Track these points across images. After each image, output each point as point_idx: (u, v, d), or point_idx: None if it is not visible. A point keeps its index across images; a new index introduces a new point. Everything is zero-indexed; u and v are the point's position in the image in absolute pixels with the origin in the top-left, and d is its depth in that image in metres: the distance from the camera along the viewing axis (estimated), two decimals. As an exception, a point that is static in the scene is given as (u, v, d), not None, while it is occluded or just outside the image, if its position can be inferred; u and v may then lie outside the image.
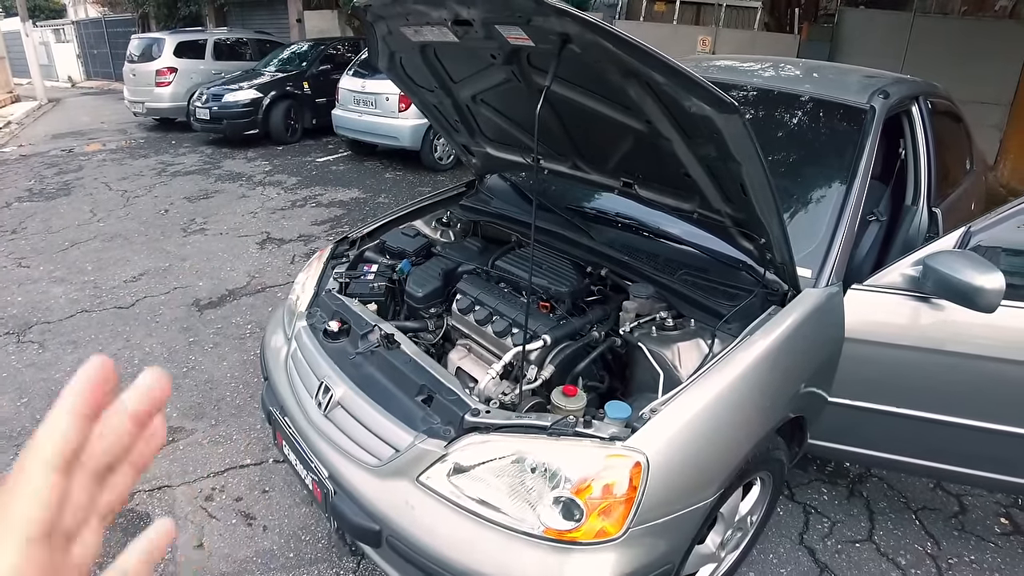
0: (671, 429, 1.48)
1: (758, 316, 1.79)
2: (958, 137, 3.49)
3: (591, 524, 1.40)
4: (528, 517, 1.45)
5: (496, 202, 2.77)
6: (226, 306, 4.29)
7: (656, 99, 1.53)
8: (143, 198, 6.91)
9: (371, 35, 2.10)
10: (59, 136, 10.96)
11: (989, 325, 1.86)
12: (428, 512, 1.53)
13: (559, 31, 1.42)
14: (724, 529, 1.90)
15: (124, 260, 5.13)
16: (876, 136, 2.30)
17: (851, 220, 2.06)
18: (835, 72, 3.20)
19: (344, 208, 6.50)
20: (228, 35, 12.03)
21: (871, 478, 2.80)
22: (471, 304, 2.11)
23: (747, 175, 1.50)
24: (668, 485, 1.45)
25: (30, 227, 5.97)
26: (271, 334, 2.40)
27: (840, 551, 2.40)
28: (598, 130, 1.94)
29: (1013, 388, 1.91)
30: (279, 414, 2.04)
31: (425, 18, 1.75)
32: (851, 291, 2.00)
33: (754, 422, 1.66)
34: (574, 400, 1.64)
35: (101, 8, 24.11)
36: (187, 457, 2.83)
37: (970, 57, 8.34)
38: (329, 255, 2.52)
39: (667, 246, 2.18)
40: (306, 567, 2.27)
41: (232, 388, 3.33)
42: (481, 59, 1.91)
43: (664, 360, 1.78)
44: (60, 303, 4.35)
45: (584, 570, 1.40)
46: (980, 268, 1.74)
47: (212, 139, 9.95)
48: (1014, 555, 2.44)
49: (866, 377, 2.04)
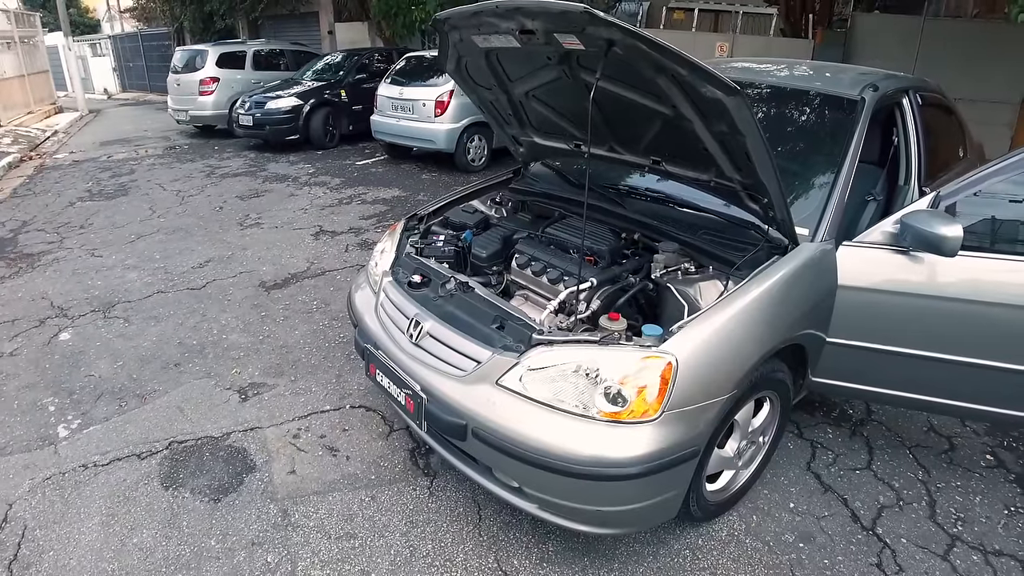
0: (695, 339, 1.94)
1: (764, 264, 2.23)
2: (950, 127, 3.88)
3: (634, 407, 1.86)
4: (584, 404, 1.91)
5: (540, 184, 3.25)
6: (291, 287, 4.78)
7: (680, 88, 1.99)
8: (197, 197, 7.46)
9: (444, 42, 2.57)
10: (107, 143, 11.62)
11: (952, 272, 2.29)
12: (507, 406, 2.00)
13: (607, 38, 1.89)
14: (740, 438, 2.34)
15: (189, 250, 5.65)
16: (866, 123, 2.73)
17: (842, 189, 2.50)
18: (834, 70, 3.63)
19: (387, 205, 7.02)
20: (266, 46, 12.68)
21: (871, 421, 3.20)
22: (528, 260, 2.59)
23: (751, 145, 1.97)
24: (693, 380, 1.91)
25: (96, 223, 6.52)
26: (356, 293, 2.89)
27: (842, 476, 2.80)
28: (632, 117, 2.41)
29: (972, 324, 2.33)
30: (373, 349, 2.52)
31: (495, 28, 2.22)
32: (843, 247, 2.43)
33: (759, 339, 2.10)
34: (617, 323, 2.10)
35: (137, 23, 25.06)
36: (273, 405, 3.29)
37: (981, 58, 8.63)
38: (402, 228, 3.01)
39: (688, 213, 2.65)
40: (386, 486, 2.72)
41: (306, 351, 3.81)
42: (537, 61, 2.38)
43: (688, 296, 2.24)
44: (136, 286, 4.85)
45: (629, 440, 1.86)
46: (944, 221, 2.17)
47: (253, 144, 10.54)
48: (996, 483, 2.81)
49: (856, 319, 2.46)
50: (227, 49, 11.86)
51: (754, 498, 2.63)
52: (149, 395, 3.37)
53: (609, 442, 1.88)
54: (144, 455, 2.89)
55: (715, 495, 2.41)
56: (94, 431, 3.07)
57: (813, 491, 2.71)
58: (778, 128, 3.04)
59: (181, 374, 3.58)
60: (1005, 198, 2.43)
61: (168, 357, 3.76)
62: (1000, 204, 2.44)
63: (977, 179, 2.42)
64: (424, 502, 2.60)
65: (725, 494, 2.46)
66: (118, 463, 2.84)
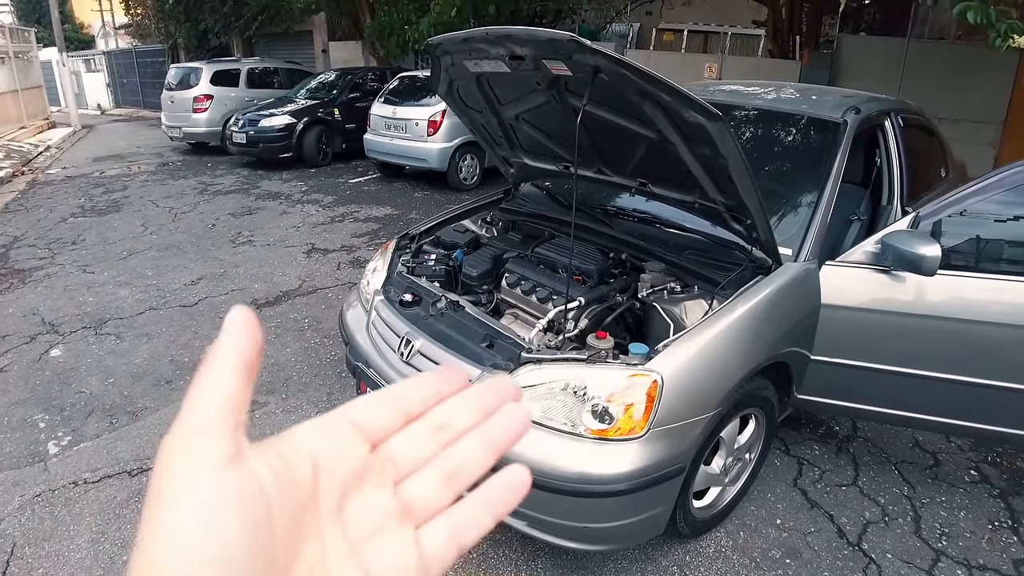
0: (680, 357, 1.98)
1: (748, 283, 2.28)
2: (931, 148, 3.97)
3: (620, 425, 1.90)
4: (572, 422, 1.94)
5: (531, 205, 3.30)
6: (282, 305, 4.80)
7: (664, 113, 2.05)
8: (190, 214, 7.48)
9: (436, 66, 2.63)
10: (100, 159, 11.62)
11: (933, 290, 2.35)
12: (495, 423, 2.02)
13: (593, 64, 1.95)
14: (726, 455, 2.37)
15: (181, 267, 5.66)
16: (848, 144, 2.79)
17: (825, 210, 2.56)
18: (818, 93, 3.72)
19: (380, 223, 7.06)
20: (260, 64, 12.77)
21: (857, 438, 3.24)
22: (518, 279, 2.63)
23: (733, 168, 2.02)
24: (679, 397, 1.95)
25: (88, 239, 6.51)
26: (348, 311, 2.92)
27: (828, 492, 2.84)
28: (619, 140, 2.47)
29: (953, 342, 2.38)
30: (364, 366, 2.54)
31: (485, 54, 2.28)
32: (826, 266, 2.49)
33: (744, 357, 2.15)
34: (604, 342, 2.14)
35: (132, 40, 25.18)
36: (264, 423, 3.30)
37: (964, 79, 8.80)
38: (394, 247, 3.05)
39: (674, 233, 2.70)
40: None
41: (297, 370, 3.83)
42: (526, 86, 2.44)
43: (674, 315, 2.28)
44: (128, 303, 4.86)
45: (616, 457, 1.89)
46: (923, 241, 2.24)
47: (246, 162, 10.57)
48: (980, 498, 2.86)
49: (839, 337, 2.51)
50: (221, 67, 11.93)
51: (741, 514, 2.66)
52: (140, 412, 3.38)
53: (596, 459, 1.91)
54: (135, 472, 2.90)
55: (702, 512, 2.44)
56: (84, 448, 3.07)
57: (800, 507, 2.74)
58: (764, 150, 3.11)
59: (173, 391, 3.59)
60: (983, 217, 2.49)
61: (160, 374, 3.77)
62: (979, 223, 2.50)
63: (956, 199, 2.48)
64: (414, 519, 2.62)
65: (712, 511, 2.49)
66: (108, 480, 2.85)
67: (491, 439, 0.34)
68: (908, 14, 9.82)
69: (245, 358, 0.29)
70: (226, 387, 0.28)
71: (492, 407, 0.34)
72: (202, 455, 0.26)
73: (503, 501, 0.33)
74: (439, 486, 0.32)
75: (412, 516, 0.31)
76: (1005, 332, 2.36)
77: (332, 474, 0.30)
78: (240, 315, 0.30)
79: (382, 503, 0.31)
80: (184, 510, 0.25)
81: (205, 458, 0.26)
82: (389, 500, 0.31)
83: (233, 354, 0.29)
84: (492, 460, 0.34)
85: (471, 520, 0.32)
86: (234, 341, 0.29)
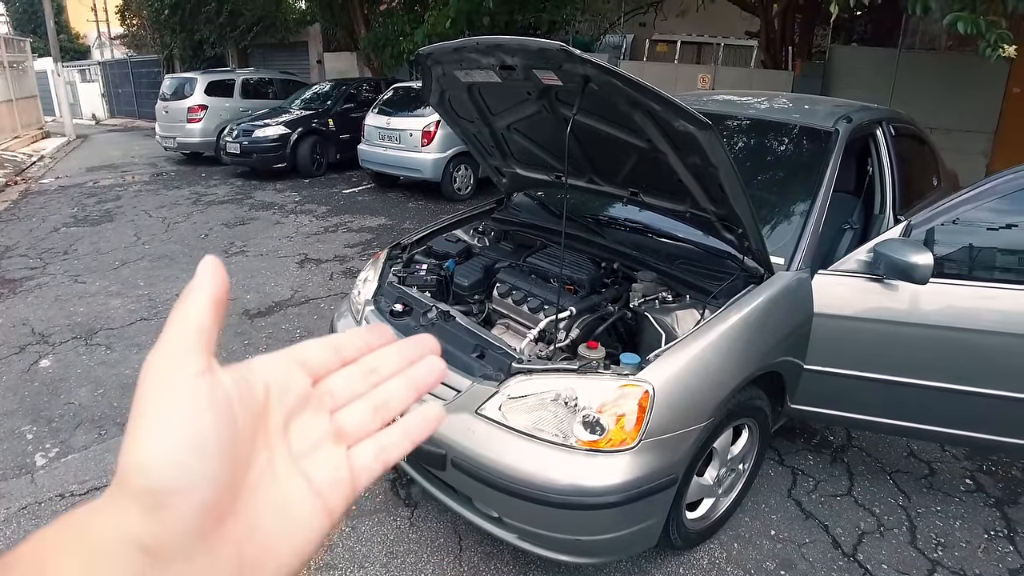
0: (672, 368, 1.97)
1: (740, 292, 2.27)
2: (923, 157, 3.98)
3: (611, 436, 1.88)
4: (563, 433, 1.92)
5: (523, 215, 3.29)
6: (274, 315, 4.78)
7: (654, 122, 2.04)
8: (183, 224, 7.46)
9: (427, 77, 2.63)
10: (93, 169, 11.59)
11: (925, 298, 2.34)
12: (486, 435, 2.00)
13: (583, 74, 1.94)
14: (719, 466, 2.36)
15: (173, 277, 5.63)
16: (839, 153, 2.80)
17: (817, 219, 2.55)
18: (811, 102, 3.73)
19: (373, 233, 7.04)
20: (255, 75, 12.79)
21: (852, 447, 3.23)
22: (510, 289, 2.62)
23: (723, 177, 2.01)
24: (670, 408, 1.93)
25: (80, 249, 6.49)
26: (338, 321, 2.89)
27: (823, 503, 2.82)
28: (609, 150, 2.46)
29: (946, 350, 2.38)
30: (354, 378, 2.52)
31: (476, 64, 2.27)
32: (818, 275, 2.48)
33: (736, 367, 2.13)
34: (596, 352, 2.12)
35: (127, 50, 25.20)
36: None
37: (955, 89, 8.85)
38: (386, 257, 3.03)
39: (666, 243, 2.69)
40: (367, 516, 2.70)
41: (289, 381, 3.79)
42: (517, 95, 2.43)
43: (665, 324, 2.26)
44: (120, 313, 4.83)
45: (607, 469, 1.87)
46: (915, 249, 2.23)
47: (240, 172, 10.55)
48: (976, 507, 2.84)
49: (832, 346, 2.50)
50: (216, 77, 11.94)
51: (735, 526, 2.64)
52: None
53: (588, 471, 1.89)
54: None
55: (695, 523, 2.42)
56: (72, 460, 3.04)
57: (794, 518, 2.72)
58: (756, 159, 3.11)
59: (162, 403, 3.55)
60: (976, 225, 2.49)
61: (150, 385, 3.73)
62: (971, 231, 2.50)
63: (948, 207, 2.48)
64: (405, 532, 2.59)
65: (706, 522, 2.46)
66: (96, 492, 2.81)
67: (413, 381, 0.41)
68: (899, 25, 9.88)
69: (215, 294, 0.34)
70: (201, 316, 0.33)
71: (415, 357, 0.42)
72: (182, 367, 0.31)
73: (420, 430, 0.40)
74: (368, 415, 0.39)
75: (345, 438, 0.38)
76: (999, 340, 2.35)
77: (280, 397, 0.36)
78: (210, 262, 0.35)
79: (320, 425, 0.37)
80: (168, 408, 0.30)
81: (184, 370, 0.31)
82: (326, 424, 0.38)
83: (206, 291, 0.34)
84: (414, 397, 0.41)
85: (393, 443, 0.39)
86: (207, 281, 0.34)
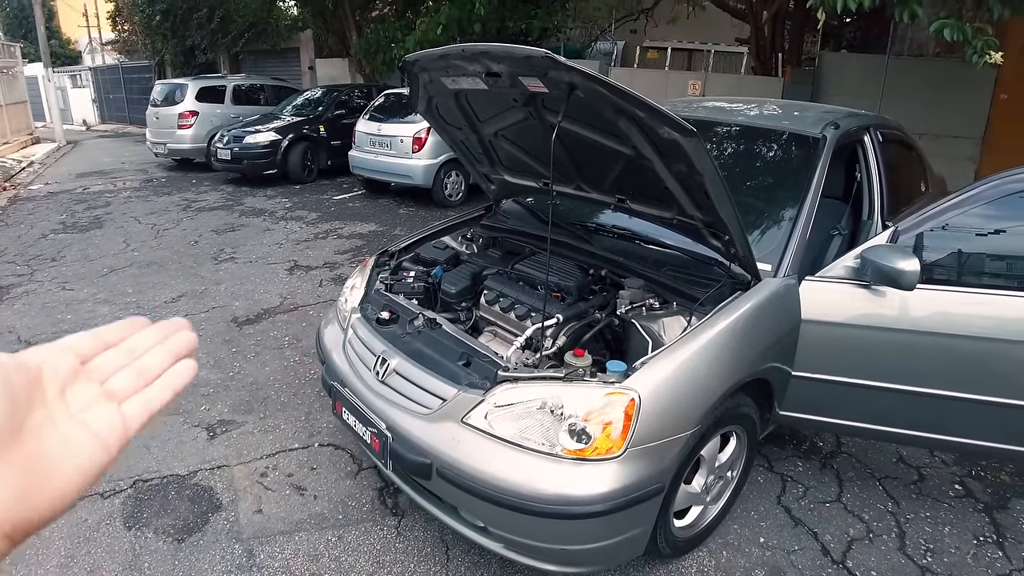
0: (658, 375, 1.96)
1: (727, 299, 2.26)
2: (911, 163, 4.00)
3: (598, 444, 1.86)
4: (549, 442, 1.91)
5: (511, 221, 3.28)
6: (263, 322, 4.75)
7: (639, 130, 2.04)
8: (172, 231, 7.42)
9: (414, 83, 2.62)
10: (83, 175, 11.53)
11: (913, 304, 2.34)
12: (472, 444, 1.99)
13: (568, 81, 1.94)
14: (707, 473, 2.34)
15: (162, 284, 5.59)
16: (827, 160, 2.80)
17: (804, 225, 2.55)
18: (799, 109, 3.74)
19: (364, 240, 7.02)
20: (246, 81, 12.75)
21: (841, 454, 3.22)
22: (497, 296, 2.60)
23: (709, 184, 2.01)
24: (657, 415, 1.92)
25: (68, 256, 6.44)
26: (325, 328, 2.88)
27: (812, 509, 2.81)
28: (596, 157, 2.45)
29: (933, 356, 2.38)
30: (339, 386, 2.50)
31: (463, 71, 2.27)
32: (805, 282, 2.48)
33: (723, 374, 2.12)
34: (582, 359, 2.11)
35: (118, 56, 25.12)
36: (241, 443, 3.24)
37: (942, 95, 8.91)
38: (373, 264, 3.01)
39: (653, 250, 2.69)
40: (354, 526, 2.68)
41: (276, 388, 3.77)
42: (504, 102, 2.43)
43: (652, 332, 2.26)
44: (107, 320, 4.56)
45: (594, 477, 1.86)
46: (902, 255, 2.23)
47: (231, 178, 10.51)
48: (965, 513, 2.84)
49: (820, 352, 2.50)
50: (207, 83, 11.91)
51: (724, 533, 2.62)
52: (114, 433, 3.31)
53: (574, 480, 1.88)
54: (107, 494, 2.83)
55: (683, 531, 2.40)
56: (55, 471, 3.00)
57: (783, 525, 2.71)
58: (744, 165, 3.12)
59: (148, 411, 3.51)
60: (962, 231, 2.49)
61: (136, 394, 3.70)
62: (958, 237, 2.50)
63: (934, 213, 2.49)
64: (392, 542, 2.57)
65: (694, 530, 2.45)
66: (80, 502, 2.77)
67: (168, 349, 0.52)
68: (887, 32, 9.96)
69: None
70: None
71: (169, 334, 0.53)
72: None
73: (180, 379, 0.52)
74: (132, 379, 0.49)
75: (115, 397, 0.48)
76: (986, 346, 2.35)
77: (53, 372, 0.45)
78: None
79: (92, 391, 0.47)
80: None
81: None
82: (96, 389, 0.47)
83: None
84: (170, 361, 0.52)
85: (156, 395, 0.50)
86: None
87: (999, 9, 4.93)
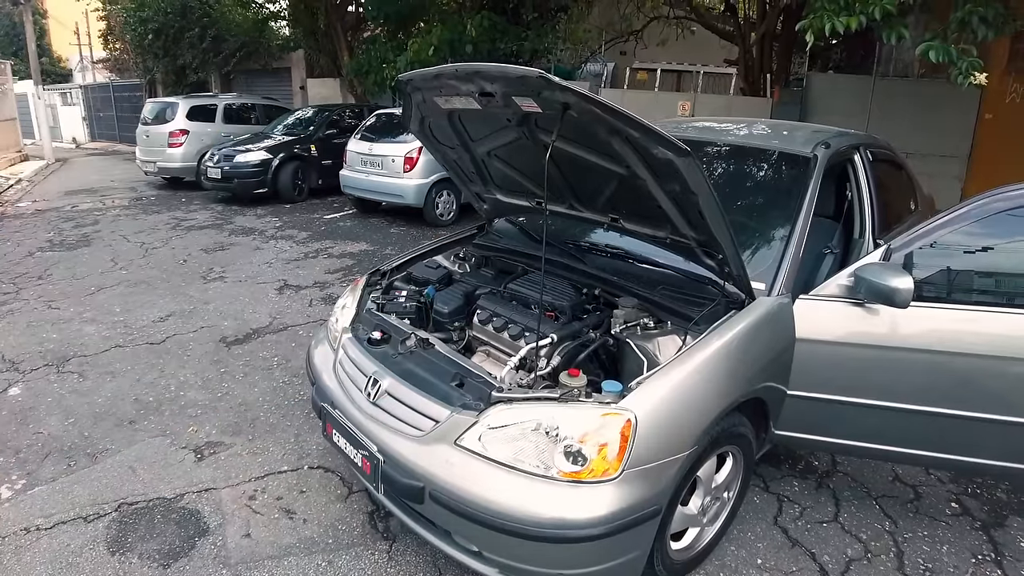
0: (654, 395, 1.94)
1: (721, 318, 2.25)
2: (900, 181, 4.03)
3: (594, 466, 1.84)
4: (545, 464, 1.88)
5: (504, 241, 3.27)
6: (252, 342, 4.69)
7: (633, 149, 2.04)
8: (161, 249, 7.36)
9: (408, 103, 2.62)
10: (72, 192, 11.46)
11: (906, 322, 2.34)
12: (465, 467, 1.95)
13: (562, 101, 1.94)
14: (703, 495, 2.32)
15: (150, 303, 5.53)
16: (819, 179, 2.81)
17: (797, 244, 2.55)
18: (789, 128, 3.77)
19: (354, 259, 6.99)
20: (237, 100, 12.76)
21: (837, 473, 3.20)
22: (490, 316, 2.58)
23: (703, 204, 2.01)
24: (653, 436, 1.90)
25: (55, 274, 6.38)
26: (315, 349, 2.84)
27: (809, 529, 2.78)
28: (589, 176, 2.45)
29: (928, 374, 2.37)
30: (330, 407, 2.46)
31: (456, 91, 2.26)
32: (799, 300, 2.47)
33: (719, 393, 2.11)
34: (577, 380, 2.09)
35: (109, 74, 25.11)
36: (229, 465, 3.18)
37: (929, 114, 9.03)
38: (364, 283, 2.99)
39: (647, 269, 2.68)
40: (344, 550, 2.62)
41: (265, 409, 3.71)
42: (497, 122, 2.43)
43: (647, 351, 2.24)
44: (94, 339, 4.72)
45: (590, 500, 1.83)
46: (895, 273, 2.24)
47: (221, 197, 10.48)
48: (962, 531, 2.82)
49: (815, 371, 2.49)
50: (198, 102, 11.91)
51: (721, 555, 2.59)
52: (100, 454, 3.25)
53: (570, 503, 1.85)
54: (91, 518, 2.77)
55: (680, 553, 2.37)
56: (39, 492, 2.94)
57: (780, 546, 2.68)
58: (736, 185, 3.12)
59: (135, 432, 3.46)
60: (953, 248, 2.50)
61: (123, 414, 3.64)
62: (949, 254, 2.51)
63: (926, 231, 2.50)
64: (383, 567, 2.51)
65: (691, 552, 2.42)
66: (63, 526, 2.71)
67: None
68: (873, 53, 10.12)
69: None
70: None
71: None
72: None
73: None
74: None
75: None
76: (980, 363, 2.35)
77: None
78: None
79: None
80: None
81: None
82: None
83: None
84: None
85: None
86: None
87: (983, 31, 5.01)
